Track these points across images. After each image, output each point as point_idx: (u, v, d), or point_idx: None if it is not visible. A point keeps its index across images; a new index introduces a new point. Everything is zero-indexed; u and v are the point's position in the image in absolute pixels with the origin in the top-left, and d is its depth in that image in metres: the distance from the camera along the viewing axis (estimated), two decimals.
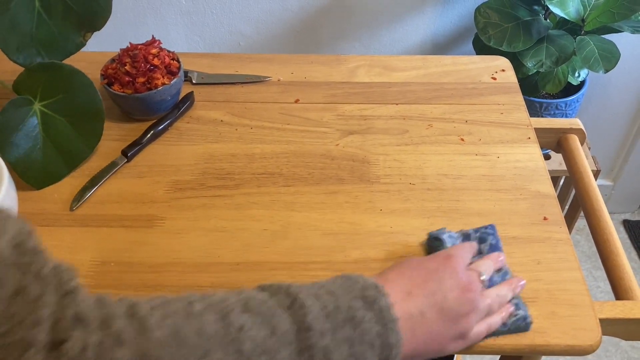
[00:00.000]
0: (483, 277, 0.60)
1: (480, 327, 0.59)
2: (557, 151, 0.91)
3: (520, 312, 0.62)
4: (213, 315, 0.44)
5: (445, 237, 0.67)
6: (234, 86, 0.92)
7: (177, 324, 0.42)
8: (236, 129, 0.85)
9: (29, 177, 0.77)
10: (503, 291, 0.62)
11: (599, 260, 1.89)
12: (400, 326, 0.51)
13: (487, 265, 0.63)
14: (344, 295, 0.50)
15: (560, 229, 0.72)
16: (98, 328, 0.40)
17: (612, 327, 0.68)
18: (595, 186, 0.81)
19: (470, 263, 0.63)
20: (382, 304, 0.50)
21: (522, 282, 0.64)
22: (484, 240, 0.68)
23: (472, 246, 0.66)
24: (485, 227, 0.69)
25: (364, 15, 1.48)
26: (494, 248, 0.67)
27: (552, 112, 1.45)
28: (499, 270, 0.65)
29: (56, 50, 0.78)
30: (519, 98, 0.90)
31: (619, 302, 0.68)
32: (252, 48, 1.54)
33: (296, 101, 0.90)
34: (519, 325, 0.62)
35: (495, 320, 0.60)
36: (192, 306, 0.44)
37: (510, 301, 0.62)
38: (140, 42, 0.87)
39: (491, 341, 0.61)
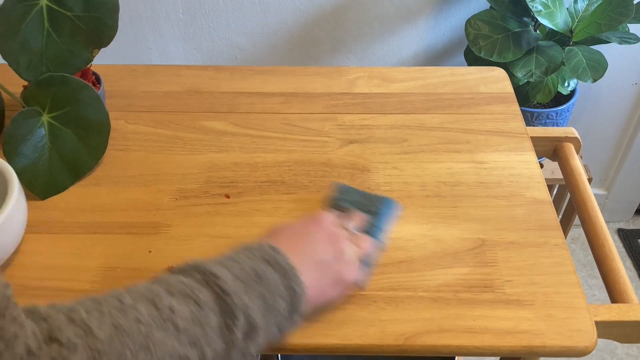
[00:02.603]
0: (349, 227, 0.69)
1: (348, 274, 0.65)
2: (553, 159, 0.94)
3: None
4: (144, 304, 0.49)
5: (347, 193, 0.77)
6: (237, 97, 0.94)
7: (115, 320, 0.47)
8: (239, 139, 0.87)
9: (34, 187, 0.79)
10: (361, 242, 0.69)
11: (595, 269, 1.90)
12: (300, 272, 0.58)
13: (352, 220, 0.71)
14: (247, 260, 0.57)
15: (556, 234, 0.74)
16: (46, 342, 0.44)
17: (608, 329, 0.70)
18: (590, 193, 0.84)
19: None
20: (280, 259, 0.58)
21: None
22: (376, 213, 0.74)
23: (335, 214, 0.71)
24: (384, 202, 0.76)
25: (357, 28, 1.51)
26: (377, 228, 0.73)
27: (543, 122, 1.48)
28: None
29: (65, 67, 0.80)
30: (515, 107, 0.92)
31: (614, 305, 0.70)
32: (248, 60, 1.56)
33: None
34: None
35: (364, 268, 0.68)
36: (123, 300, 0.49)
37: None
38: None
39: (488, 343, 0.63)
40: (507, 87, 0.96)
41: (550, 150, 0.93)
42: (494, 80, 0.98)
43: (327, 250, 0.63)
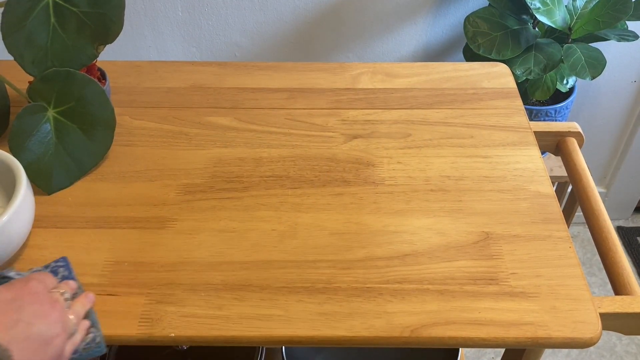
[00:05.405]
0: (65, 296, 0.60)
1: (68, 347, 0.58)
2: (556, 154, 0.94)
3: (92, 334, 0.62)
4: None
5: (12, 274, 0.63)
6: (242, 92, 0.95)
7: None
8: (243, 134, 0.87)
9: (40, 182, 0.79)
10: (78, 307, 0.62)
11: (593, 267, 1.91)
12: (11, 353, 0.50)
13: (67, 286, 0.63)
14: None
15: (560, 228, 0.75)
16: None
17: (612, 321, 0.70)
18: (593, 187, 0.84)
19: None
20: None
21: (91, 296, 0.64)
22: (56, 273, 0.67)
23: (48, 274, 0.63)
24: (57, 261, 0.68)
25: (357, 26, 1.51)
26: (67, 279, 0.66)
27: (542, 119, 1.49)
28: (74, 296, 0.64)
29: (70, 62, 0.80)
30: (518, 102, 0.93)
31: (618, 297, 0.70)
32: (247, 58, 1.57)
33: None
34: (91, 347, 0.62)
35: (77, 338, 0.60)
36: None
37: (85, 318, 0.63)
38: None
39: (494, 334, 0.64)
40: (510, 82, 0.97)
41: (553, 144, 0.94)
42: (497, 76, 0.98)
43: (45, 322, 0.54)
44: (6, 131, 0.86)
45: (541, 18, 1.29)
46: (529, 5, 1.28)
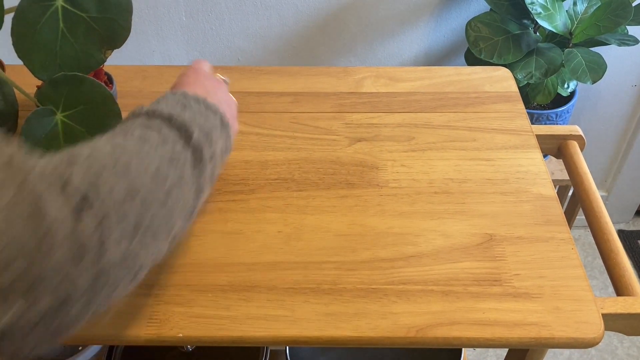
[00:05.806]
0: (224, 79, 0.77)
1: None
2: (557, 157, 0.95)
3: None
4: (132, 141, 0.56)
5: None
6: (247, 97, 0.96)
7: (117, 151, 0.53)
8: (249, 138, 0.88)
9: None
10: None
11: (594, 270, 1.92)
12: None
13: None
14: (170, 98, 0.64)
15: (562, 229, 0.75)
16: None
17: (614, 322, 0.71)
18: (595, 189, 0.85)
19: None
20: (191, 95, 0.64)
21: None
22: None
23: (204, 61, 0.76)
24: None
25: (359, 30, 1.52)
26: None
27: (543, 123, 1.50)
28: None
29: (78, 67, 0.81)
30: (520, 106, 0.94)
31: (620, 298, 0.71)
32: (251, 63, 1.58)
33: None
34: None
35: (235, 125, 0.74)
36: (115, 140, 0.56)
37: None
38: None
39: (498, 335, 0.65)
40: (512, 86, 0.98)
41: (555, 148, 0.95)
42: (499, 80, 0.99)
43: (222, 92, 0.71)
44: (15, 135, 0.87)
45: (542, 23, 1.30)
46: (530, 10, 1.29)
